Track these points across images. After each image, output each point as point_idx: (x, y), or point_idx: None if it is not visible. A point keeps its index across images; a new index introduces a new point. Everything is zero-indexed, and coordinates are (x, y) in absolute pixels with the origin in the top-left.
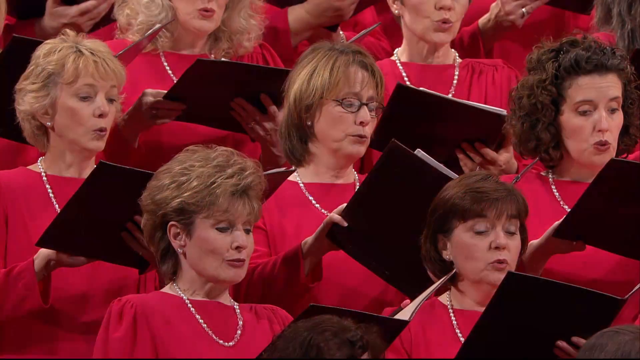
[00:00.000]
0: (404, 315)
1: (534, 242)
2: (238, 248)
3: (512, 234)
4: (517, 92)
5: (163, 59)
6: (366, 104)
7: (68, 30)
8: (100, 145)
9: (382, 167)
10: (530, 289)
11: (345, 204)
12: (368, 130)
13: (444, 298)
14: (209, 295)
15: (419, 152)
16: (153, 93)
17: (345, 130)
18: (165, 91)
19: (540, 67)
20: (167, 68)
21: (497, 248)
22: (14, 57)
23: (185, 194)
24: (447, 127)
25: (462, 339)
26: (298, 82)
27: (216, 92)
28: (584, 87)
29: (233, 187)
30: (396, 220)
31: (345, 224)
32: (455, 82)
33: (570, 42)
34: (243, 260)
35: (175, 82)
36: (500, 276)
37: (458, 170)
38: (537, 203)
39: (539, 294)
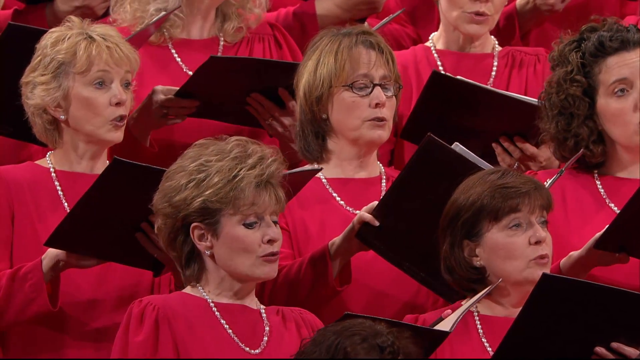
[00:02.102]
0: (444, 326)
1: (574, 254)
2: (270, 241)
3: (544, 225)
4: (545, 91)
5: (171, 46)
6: (380, 84)
7: (72, 17)
8: (119, 136)
9: (417, 163)
10: (566, 291)
11: (375, 202)
12: (387, 112)
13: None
14: (235, 296)
15: (457, 146)
16: (164, 90)
17: (361, 115)
18: (177, 88)
19: (564, 61)
20: (177, 57)
21: (537, 242)
22: (10, 47)
23: (207, 192)
24: (485, 118)
25: (489, 348)
26: (305, 75)
27: (231, 87)
28: (614, 67)
29: (257, 178)
30: (431, 219)
31: (377, 224)
32: (494, 72)
33: (590, 29)
34: (277, 254)
35: (185, 71)
36: (545, 272)
37: (496, 164)
38: (581, 201)
39: (576, 296)
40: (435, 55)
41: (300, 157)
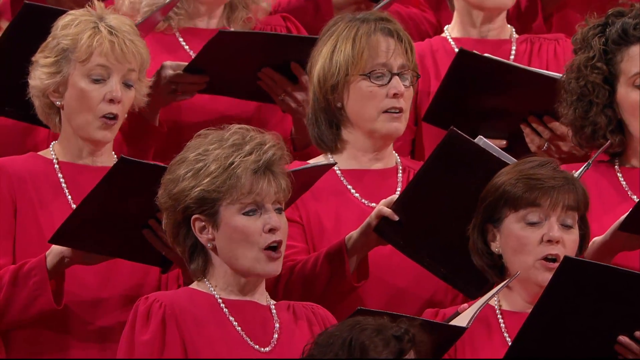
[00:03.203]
0: (461, 321)
1: (597, 239)
2: (272, 230)
3: (568, 227)
4: (565, 76)
5: (178, 34)
6: (398, 74)
7: (96, 1)
8: (108, 136)
9: (439, 156)
10: (588, 276)
11: (395, 196)
12: (404, 103)
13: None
14: (243, 291)
15: (481, 140)
16: (172, 66)
17: (378, 106)
18: (186, 63)
19: (586, 46)
20: (184, 45)
21: (549, 241)
22: (24, 27)
23: (205, 182)
24: (512, 98)
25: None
26: (320, 61)
27: (241, 63)
28: (636, 57)
29: (254, 165)
30: (452, 213)
31: (397, 218)
32: (512, 57)
33: (617, 13)
34: (279, 247)
35: (192, 56)
36: (550, 277)
37: (523, 147)
38: (601, 192)
39: (599, 281)
40: (452, 43)
41: (315, 146)
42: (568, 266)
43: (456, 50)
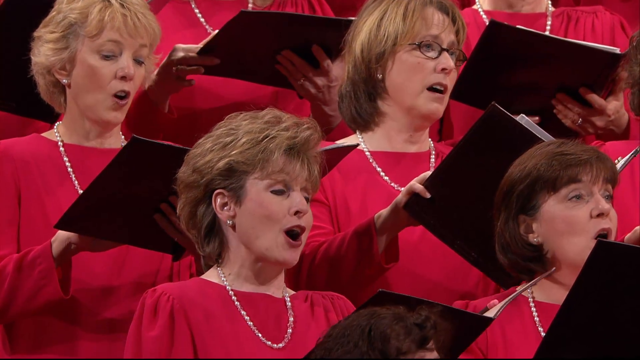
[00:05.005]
0: (489, 314)
1: (638, 229)
2: (297, 214)
3: (609, 199)
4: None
5: (194, 5)
6: (447, 50)
7: None
8: (119, 116)
9: (478, 133)
10: (625, 261)
11: (428, 172)
12: (449, 82)
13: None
14: (258, 281)
15: (523, 118)
16: (185, 48)
17: (423, 80)
18: (199, 46)
19: None
20: (199, 15)
21: (599, 215)
22: (17, 14)
23: (234, 152)
24: (546, 72)
25: None
26: (365, 29)
27: (260, 44)
28: None
29: (290, 141)
30: (487, 195)
31: (428, 195)
32: (547, 32)
33: None
34: (303, 230)
35: (209, 32)
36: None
37: (556, 123)
38: (632, 174)
39: (637, 267)
40: (484, 17)
41: (338, 119)
42: (602, 251)
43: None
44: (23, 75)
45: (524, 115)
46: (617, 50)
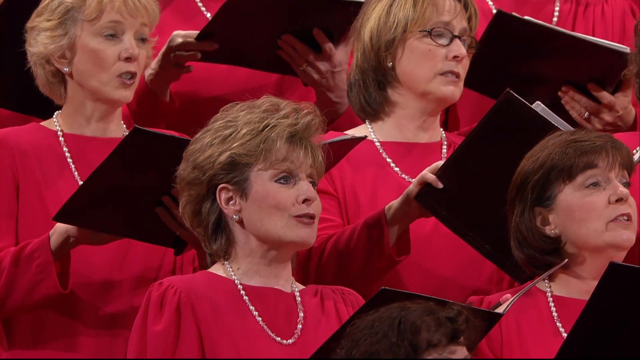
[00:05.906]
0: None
1: None
2: (306, 201)
3: (626, 185)
4: None
5: None
6: (459, 37)
7: None
8: (128, 95)
9: (492, 121)
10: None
11: (440, 162)
12: (461, 69)
13: (541, 283)
14: (267, 275)
15: (539, 106)
16: (182, 35)
17: (435, 67)
18: (198, 32)
19: None
20: (200, 4)
21: (618, 201)
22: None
23: (235, 145)
24: (553, 65)
25: (564, 334)
26: (374, 16)
27: (259, 29)
28: None
29: (291, 128)
30: (501, 185)
31: (440, 185)
32: (555, 18)
33: None
34: (313, 217)
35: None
36: (629, 235)
37: (564, 114)
38: None
39: None
40: (490, 3)
41: (344, 106)
42: (614, 274)
43: (494, 11)
44: (18, 72)
45: (539, 102)
46: (627, 49)
